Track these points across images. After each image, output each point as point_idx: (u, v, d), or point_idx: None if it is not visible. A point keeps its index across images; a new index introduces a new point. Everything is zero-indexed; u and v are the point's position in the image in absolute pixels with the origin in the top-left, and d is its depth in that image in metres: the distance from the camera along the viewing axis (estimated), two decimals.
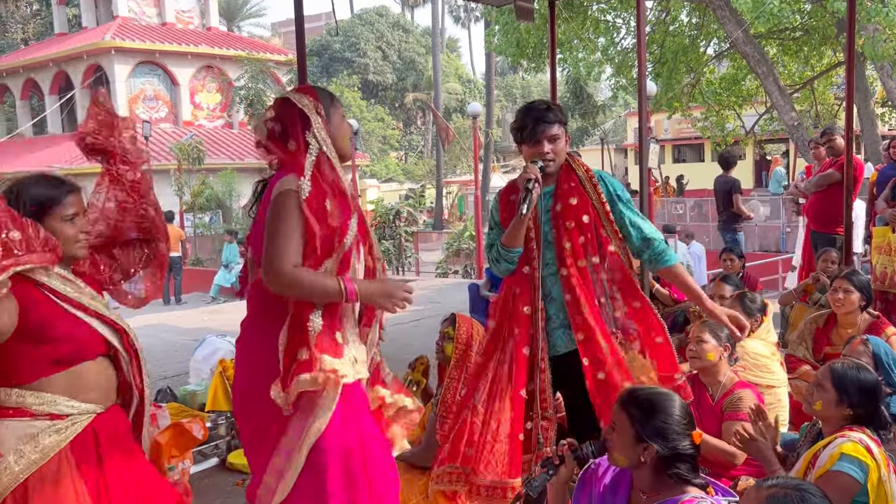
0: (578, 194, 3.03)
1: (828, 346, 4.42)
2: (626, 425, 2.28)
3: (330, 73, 35.97)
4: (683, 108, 15.64)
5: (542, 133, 2.97)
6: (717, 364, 3.47)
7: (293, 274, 2.31)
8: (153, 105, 25.16)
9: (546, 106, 3.03)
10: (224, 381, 4.89)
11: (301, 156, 2.43)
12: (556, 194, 3.06)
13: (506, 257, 3.05)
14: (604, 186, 3.08)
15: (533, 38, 14.16)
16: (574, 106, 28.72)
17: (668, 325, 5.81)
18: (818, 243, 6.47)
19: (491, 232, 3.20)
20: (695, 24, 15.02)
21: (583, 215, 3.01)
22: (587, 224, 3.01)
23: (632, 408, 2.29)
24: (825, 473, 2.57)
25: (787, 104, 12.36)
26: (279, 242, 2.32)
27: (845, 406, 2.71)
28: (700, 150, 30.53)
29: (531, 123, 2.97)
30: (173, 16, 26.24)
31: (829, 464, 2.57)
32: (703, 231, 16.66)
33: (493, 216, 3.20)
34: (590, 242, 3.01)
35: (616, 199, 3.08)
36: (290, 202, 2.34)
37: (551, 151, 2.98)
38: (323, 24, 42.20)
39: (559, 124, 3.01)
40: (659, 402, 2.30)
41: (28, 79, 26.61)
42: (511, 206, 3.02)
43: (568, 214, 3.02)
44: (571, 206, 3.02)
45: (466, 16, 48.18)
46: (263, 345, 2.41)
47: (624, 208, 3.08)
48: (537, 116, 2.97)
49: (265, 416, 2.40)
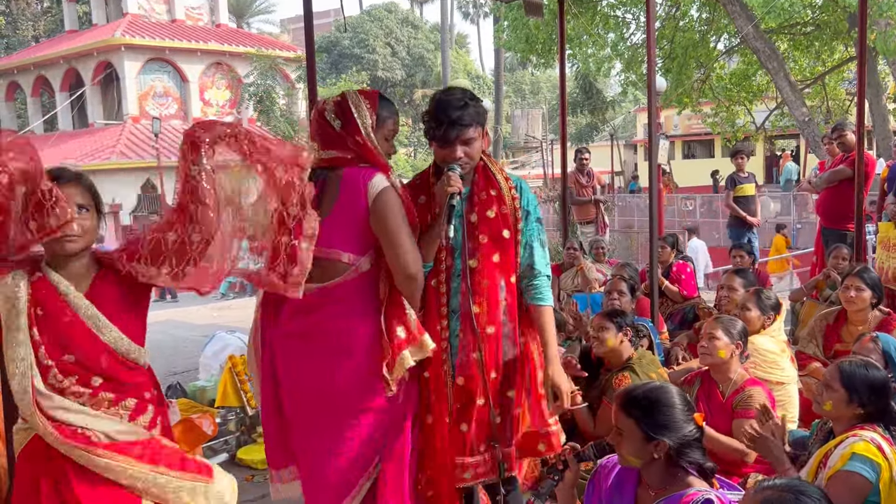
0: (498, 205, 2.72)
1: (838, 342, 4.40)
2: (633, 428, 2.28)
3: (339, 69, 35.95)
4: (693, 103, 15.58)
5: (455, 137, 2.64)
6: (727, 361, 3.46)
7: (422, 273, 2.56)
8: (163, 102, 25.24)
9: (462, 103, 2.65)
10: (234, 377, 4.90)
11: (375, 154, 2.56)
12: (471, 201, 2.73)
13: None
14: (522, 198, 2.77)
15: (542, 34, 14.12)
16: (583, 102, 28.65)
17: (678, 322, 5.86)
18: (829, 239, 6.44)
19: None
20: (705, 19, 14.95)
21: (502, 230, 2.71)
22: (506, 240, 2.72)
23: (633, 409, 2.29)
24: (836, 473, 2.55)
25: (797, 100, 12.29)
26: (407, 244, 2.49)
27: (855, 405, 2.69)
28: (710, 146, 30.40)
29: (445, 125, 2.63)
30: (183, 13, 26.32)
31: (841, 464, 2.56)
32: (713, 227, 16.61)
33: None
34: (503, 262, 2.71)
35: (527, 214, 2.77)
36: (396, 201, 2.51)
37: (465, 155, 2.66)
38: (332, 20, 42.21)
39: (475, 126, 2.67)
40: (658, 398, 2.31)
41: (39, 76, 26.73)
42: (420, 209, 2.70)
43: (483, 227, 2.70)
44: (488, 219, 2.71)
45: (475, 12, 48.12)
46: (361, 335, 2.53)
47: (531, 227, 2.78)
48: (452, 119, 2.62)
49: (353, 408, 2.54)
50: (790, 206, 16.11)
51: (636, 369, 3.70)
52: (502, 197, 2.72)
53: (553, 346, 2.74)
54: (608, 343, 3.77)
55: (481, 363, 2.67)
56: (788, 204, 16.32)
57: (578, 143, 27.06)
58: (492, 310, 2.68)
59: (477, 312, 2.66)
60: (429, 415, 2.69)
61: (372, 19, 38.71)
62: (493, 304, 2.68)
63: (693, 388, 3.58)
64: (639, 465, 2.31)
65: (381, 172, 2.51)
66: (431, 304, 2.71)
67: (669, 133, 25.75)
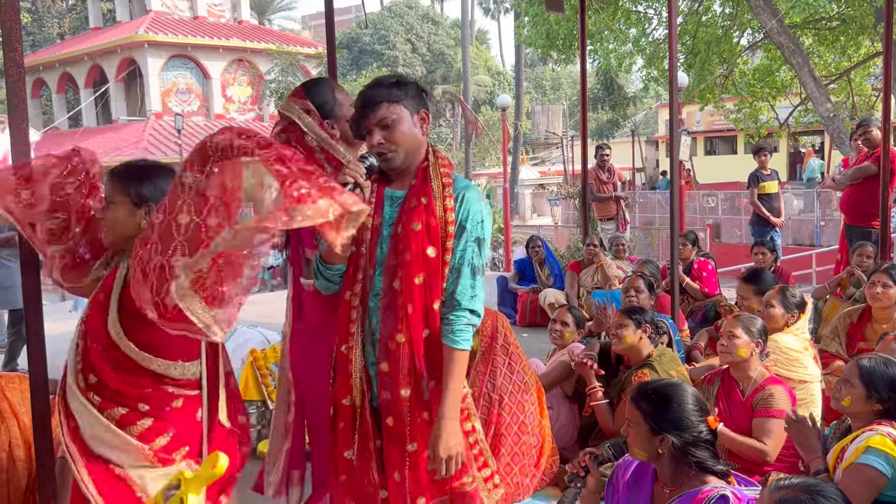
0: (426, 217, 2.24)
1: (862, 341, 4.36)
2: (640, 420, 2.31)
3: (359, 65, 36.04)
4: (716, 99, 15.44)
5: (367, 121, 2.23)
6: (748, 360, 3.44)
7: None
8: (185, 98, 25.44)
9: (377, 82, 2.28)
10: (255, 371, 4.94)
11: (330, 155, 2.52)
12: (401, 207, 2.29)
13: (325, 274, 2.33)
14: (459, 210, 2.28)
15: (563, 30, 14.07)
16: (604, 98, 28.48)
17: (699, 320, 5.83)
18: (853, 237, 6.37)
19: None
20: (728, 14, 14.81)
21: (427, 247, 2.23)
22: (432, 260, 2.23)
23: (643, 402, 2.32)
24: (850, 466, 2.56)
25: (822, 95, 12.14)
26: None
27: (874, 401, 2.69)
28: (733, 142, 30.14)
29: (357, 112, 2.25)
30: (205, 10, 26.51)
31: (855, 457, 2.56)
32: (735, 224, 16.47)
33: None
34: (429, 286, 2.24)
35: (462, 231, 2.27)
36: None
37: (386, 140, 2.24)
38: (353, 16, 42.33)
39: (392, 102, 2.24)
40: (670, 394, 2.33)
41: (64, 73, 27.04)
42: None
43: (407, 241, 2.23)
44: (413, 233, 2.23)
45: (496, 7, 48.00)
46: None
47: (465, 247, 2.26)
48: (363, 102, 2.23)
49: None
50: (814, 204, 15.93)
51: (656, 366, 3.69)
52: (432, 207, 2.24)
53: (451, 401, 2.23)
54: (626, 340, 3.77)
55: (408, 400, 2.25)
56: (812, 201, 16.14)
57: (599, 140, 26.92)
58: (416, 343, 2.24)
59: (401, 342, 2.22)
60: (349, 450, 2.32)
61: (392, 15, 38.76)
62: (416, 335, 2.24)
63: (713, 387, 3.57)
64: (646, 458, 2.33)
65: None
66: (343, 321, 2.31)
67: (691, 129, 25.55)
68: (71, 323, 2.49)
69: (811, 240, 15.12)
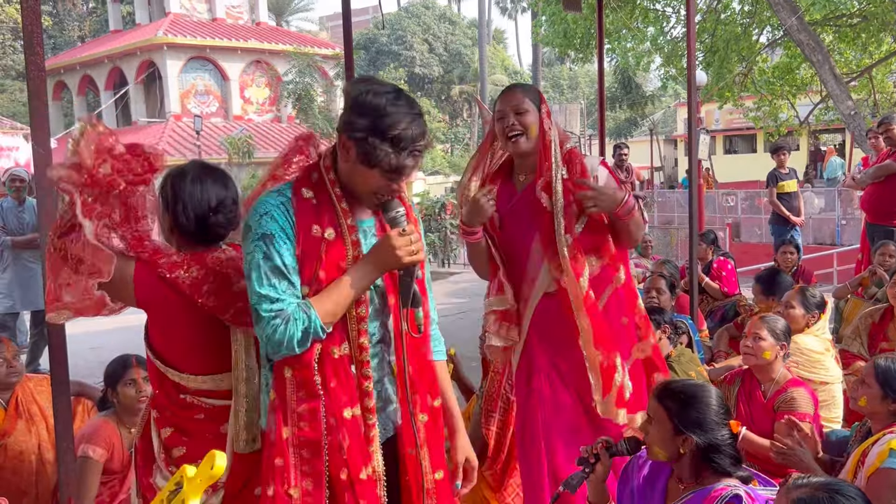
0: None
1: (884, 341, 4.31)
2: (664, 418, 2.27)
3: (377, 66, 36.12)
4: (735, 97, 15.33)
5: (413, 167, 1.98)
6: (772, 362, 3.41)
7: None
8: (204, 100, 25.61)
9: (417, 112, 1.95)
10: None
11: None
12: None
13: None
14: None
15: (580, 29, 14.02)
16: (622, 96, 28.38)
17: (718, 319, 5.79)
18: (875, 236, 6.31)
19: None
20: (747, 11, 14.68)
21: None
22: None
23: (668, 401, 2.29)
24: (876, 472, 2.52)
25: (843, 93, 12.01)
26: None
27: (890, 401, 2.67)
28: (752, 140, 29.90)
29: (404, 149, 1.92)
30: (223, 11, 26.68)
31: (879, 462, 2.52)
32: (755, 223, 16.33)
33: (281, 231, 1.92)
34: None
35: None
36: None
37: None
38: (370, 17, 42.43)
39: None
40: (695, 394, 2.30)
41: (84, 75, 27.31)
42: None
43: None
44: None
45: (513, 7, 47.89)
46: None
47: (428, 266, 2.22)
48: (416, 137, 1.93)
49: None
50: (835, 202, 15.77)
51: (675, 367, 3.66)
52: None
53: (458, 413, 2.26)
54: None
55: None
56: (833, 200, 15.97)
57: (617, 139, 26.83)
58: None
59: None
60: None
61: (409, 16, 38.83)
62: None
63: (733, 387, 3.54)
64: (664, 459, 2.30)
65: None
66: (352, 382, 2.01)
67: (710, 128, 25.38)
68: (92, 324, 2.50)
69: (832, 239, 14.95)
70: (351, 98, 1.93)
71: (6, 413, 3.42)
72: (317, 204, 1.95)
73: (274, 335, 1.85)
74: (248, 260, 1.91)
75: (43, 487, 3.40)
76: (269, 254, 1.87)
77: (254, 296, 1.88)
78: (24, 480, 3.36)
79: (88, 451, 3.13)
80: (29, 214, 6.66)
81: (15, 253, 6.64)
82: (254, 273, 1.88)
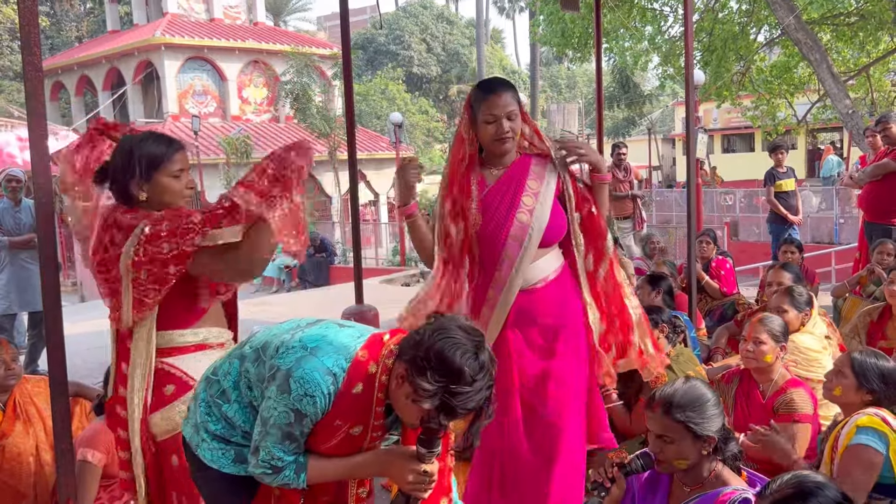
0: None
1: (882, 339, 4.31)
2: (682, 430, 2.29)
3: (375, 66, 36.12)
4: (733, 96, 15.33)
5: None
6: (772, 364, 3.41)
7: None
8: (202, 100, 25.58)
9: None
10: None
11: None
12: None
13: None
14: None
15: (578, 28, 14.01)
16: (620, 96, 28.36)
17: (717, 319, 5.78)
18: (873, 234, 6.31)
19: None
20: (745, 10, 14.68)
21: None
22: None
23: (679, 412, 2.30)
24: (846, 450, 2.57)
25: (840, 92, 12.02)
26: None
27: (864, 391, 2.74)
28: (750, 139, 29.93)
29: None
30: (221, 12, 26.64)
31: (847, 440, 2.58)
32: (753, 222, 16.35)
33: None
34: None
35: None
36: None
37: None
38: (368, 17, 42.39)
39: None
40: (696, 394, 2.34)
41: (82, 76, 27.27)
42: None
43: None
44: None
45: (511, 6, 47.91)
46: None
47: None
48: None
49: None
50: (832, 201, 15.79)
51: (673, 367, 3.66)
52: None
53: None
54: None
55: None
56: (831, 198, 15.99)
57: (615, 138, 26.80)
58: None
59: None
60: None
61: (407, 15, 38.81)
62: None
63: (731, 387, 3.54)
64: (686, 467, 2.31)
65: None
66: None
67: (708, 127, 25.40)
68: (90, 324, 2.50)
69: (830, 237, 14.96)
70: (430, 339, 1.83)
71: (4, 415, 3.41)
72: (358, 398, 1.96)
73: (263, 478, 2.02)
74: (273, 412, 1.96)
75: (42, 489, 3.39)
76: (294, 425, 1.95)
77: (264, 447, 1.98)
78: (22, 483, 3.35)
79: (87, 455, 3.13)
80: (25, 215, 6.65)
81: (12, 254, 6.63)
82: (273, 429, 1.96)
